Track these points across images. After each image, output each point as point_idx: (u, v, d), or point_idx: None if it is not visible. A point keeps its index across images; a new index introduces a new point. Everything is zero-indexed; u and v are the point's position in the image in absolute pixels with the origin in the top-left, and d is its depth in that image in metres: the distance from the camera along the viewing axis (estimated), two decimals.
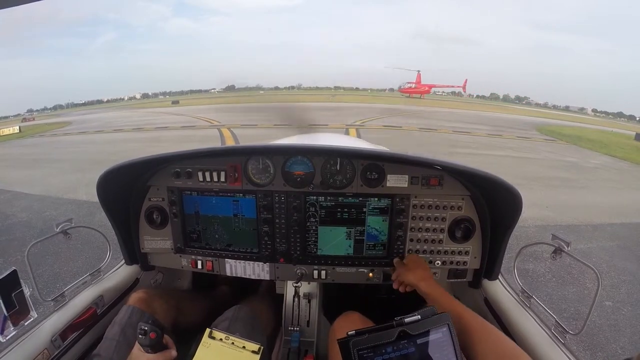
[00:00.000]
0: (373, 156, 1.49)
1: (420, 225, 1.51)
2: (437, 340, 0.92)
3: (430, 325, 0.92)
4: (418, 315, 0.92)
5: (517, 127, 22.07)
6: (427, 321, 0.92)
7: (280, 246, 1.58)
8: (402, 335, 0.90)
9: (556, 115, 46.66)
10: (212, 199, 1.57)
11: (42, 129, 24.62)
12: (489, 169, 1.30)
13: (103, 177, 1.41)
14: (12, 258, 4.14)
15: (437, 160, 1.38)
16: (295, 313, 1.70)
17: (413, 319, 0.91)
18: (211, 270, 1.67)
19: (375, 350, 0.90)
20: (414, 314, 0.92)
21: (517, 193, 1.25)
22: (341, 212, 1.53)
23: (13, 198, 6.89)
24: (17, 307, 1.12)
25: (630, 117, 76.96)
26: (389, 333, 0.90)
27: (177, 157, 1.51)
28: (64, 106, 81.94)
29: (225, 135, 14.70)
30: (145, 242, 1.66)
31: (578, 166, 11.03)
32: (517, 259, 1.46)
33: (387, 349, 0.90)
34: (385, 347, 0.90)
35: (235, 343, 1.11)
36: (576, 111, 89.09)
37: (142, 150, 9.97)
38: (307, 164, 1.51)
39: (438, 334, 0.92)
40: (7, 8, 0.74)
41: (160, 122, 21.77)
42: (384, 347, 0.90)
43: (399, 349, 0.90)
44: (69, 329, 1.32)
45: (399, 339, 0.90)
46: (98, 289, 1.50)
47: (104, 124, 23.67)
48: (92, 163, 9.53)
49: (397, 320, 0.92)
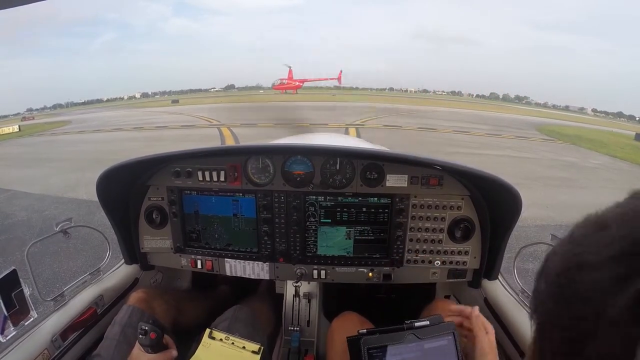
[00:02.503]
0: (373, 156, 1.49)
1: (419, 225, 1.51)
2: (443, 347, 0.95)
3: (438, 332, 0.96)
4: (427, 321, 0.97)
5: (517, 127, 22.06)
6: (435, 327, 0.96)
7: (280, 246, 1.58)
8: (411, 338, 0.94)
9: (556, 115, 46.65)
10: (211, 198, 1.57)
11: (41, 128, 24.59)
12: (488, 168, 1.31)
13: (103, 177, 1.41)
14: (11, 257, 4.14)
15: (437, 160, 1.38)
16: (295, 313, 1.71)
17: (422, 323, 0.96)
18: (211, 270, 1.67)
19: (385, 351, 0.93)
20: (424, 319, 0.97)
21: (516, 193, 1.26)
22: (341, 212, 1.53)
23: (13, 197, 6.89)
24: (17, 307, 1.12)
25: (630, 117, 77.02)
26: (399, 335, 0.94)
27: (177, 157, 1.51)
28: (63, 105, 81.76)
29: (225, 135, 14.70)
30: (145, 241, 1.66)
31: (578, 166, 11.04)
32: (517, 259, 1.46)
33: (396, 350, 0.94)
34: (394, 348, 0.93)
35: (235, 343, 1.12)
36: (576, 111, 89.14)
37: (142, 150, 9.95)
38: (307, 163, 1.51)
39: (444, 340, 0.96)
40: (7, 8, 0.74)
41: (160, 121, 21.75)
42: (393, 348, 0.93)
43: (407, 351, 0.94)
44: (69, 329, 1.32)
45: (407, 341, 0.94)
46: (98, 289, 1.50)
47: (103, 123, 23.64)
48: (91, 162, 9.51)
49: (408, 323, 0.97)
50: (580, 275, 0.32)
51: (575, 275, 0.32)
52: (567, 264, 0.34)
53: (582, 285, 0.31)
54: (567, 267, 0.34)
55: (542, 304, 0.37)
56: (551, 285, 0.35)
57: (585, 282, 0.31)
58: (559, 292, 0.34)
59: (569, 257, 0.34)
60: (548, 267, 0.37)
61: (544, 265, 0.38)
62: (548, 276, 0.36)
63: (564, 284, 0.33)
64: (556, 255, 0.36)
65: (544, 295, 0.36)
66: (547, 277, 0.36)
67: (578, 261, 0.32)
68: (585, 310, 0.30)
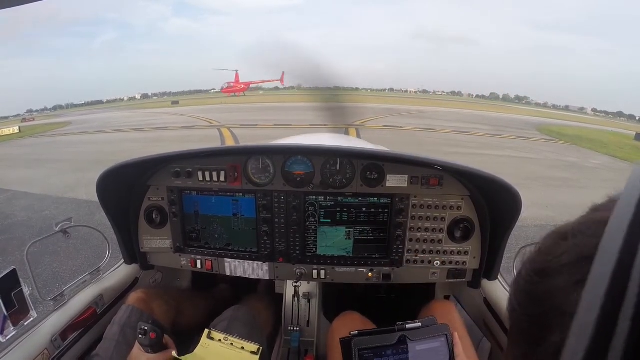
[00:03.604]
0: (373, 156, 1.49)
1: (419, 225, 1.51)
2: (435, 349, 0.95)
3: (430, 334, 0.95)
4: (419, 322, 0.96)
5: (517, 127, 22.06)
6: (427, 329, 0.96)
7: (280, 246, 1.58)
8: (403, 340, 0.94)
9: (556, 115, 46.67)
10: (211, 198, 1.57)
11: (41, 129, 24.59)
12: (487, 169, 1.31)
13: (103, 177, 1.41)
14: (11, 257, 4.14)
15: (437, 160, 1.38)
16: (295, 313, 1.71)
17: (414, 325, 0.96)
18: (210, 270, 1.67)
19: (376, 352, 0.93)
20: (416, 321, 0.96)
21: (516, 193, 1.26)
22: (341, 212, 1.53)
23: (13, 197, 6.90)
24: (16, 307, 1.12)
25: (630, 117, 77.04)
26: (390, 336, 0.94)
27: (177, 157, 1.51)
28: (63, 107, 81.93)
29: (225, 135, 14.71)
30: (145, 241, 1.66)
31: (578, 166, 11.03)
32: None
33: (387, 351, 0.94)
34: (385, 350, 0.94)
35: (234, 344, 1.12)
36: (576, 111, 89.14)
37: (142, 151, 9.96)
38: (307, 163, 1.51)
39: (436, 342, 0.95)
40: (7, 8, 0.74)
41: (160, 122, 21.76)
42: (384, 350, 0.93)
43: (398, 352, 0.93)
44: (69, 329, 1.32)
45: (399, 343, 0.94)
46: (98, 289, 1.50)
47: (103, 124, 23.64)
48: (91, 163, 9.51)
49: (399, 325, 0.96)
50: (544, 279, 0.37)
51: (541, 280, 0.38)
52: (534, 271, 0.39)
53: (545, 287, 0.37)
54: (534, 273, 0.39)
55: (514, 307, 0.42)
56: (522, 290, 0.41)
57: (548, 284, 0.36)
58: (528, 294, 0.40)
59: (536, 266, 0.40)
60: (520, 275, 0.42)
61: (517, 274, 0.44)
62: (519, 283, 0.42)
63: (532, 288, 0.39)
64: (526, 264, 0.42)
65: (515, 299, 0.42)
66: (518, 283, 0.42)
67: (543, 268, 0.38)
68: (548, 307, 0.36)
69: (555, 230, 0.41)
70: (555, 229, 0.41)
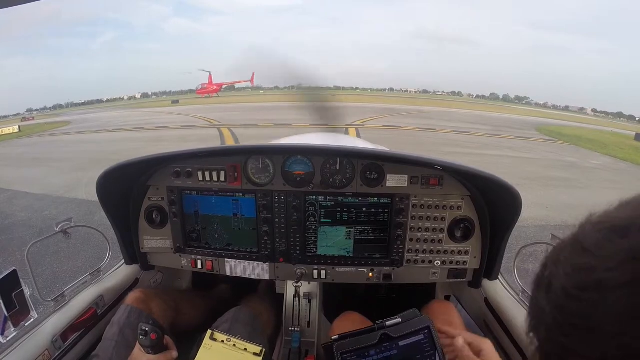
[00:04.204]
0: (373, 156, 1.49)
1: (420, 225, 1.51)
2: (419, 342, 0.94)
3: (412, 328, 0.94)
4: (399, 318, 0.95)
5: (517, 127, 22.07)
6: (408, 324, 0.95)
7: (280, 246, 1.58)
8: (384, 338, 0.93)
9: (556, 115, 46.61)
10: (211, 198, 1.57)
11: (41, 128, 24.60)
12: (487, 169, 1.31)
13: (103, 177, 1.41)
14: (12, 258, 4.14)
15: (437, 160, 1.38)
16: (295, 313, 1.70)
17: (394, 321, 0.95)
18: (211, 270, 1.67)
19: (359, 354, 0.92)
20: (395, 317, 0.95)
21: (516, 193, 1.26)
22: (341, 212, 1.53)
23: (13, 197, 6.89)
24: (17, 308, 1.12)
25: (630, 117, 76.95)
26: (371, 336, 0.93)
27: (177, 157, 1.51)
28: (63, 106, 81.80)
29: (225, 135, 14.70)
30: (145, 241, 1.66)
31: (578, 166, 11.03)
32: (517, 259, 1.46)
33: (371, 351, 0.93)
34: (368, 350, 0.93)
35: (236, 345, 1.12)
36: (576, 111, 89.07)
37: (142, 150, 9.97)
38: (307, 163, 1.51)
39: (420, 336, 0.94)
40: (7, 8, 0.74)
41: (160, 121, 21.76)
42: (367, 350, 0.93)
43: (381, 351, 0.93)
44: (69, 330, 1.32)
45: (381, 341, 0.93)
46: (98, 289, 1.50)
47: (103, 123, 23.66)
48: (92, 162, 9.53)
49: (379, 323, 0.95)
50: (594, 297, 0.24)
51: (588, 297, 0.25)
52: (578, 280, 0.27)
53: (596, 311, 0.24)
54: (578, 286, 0.27)
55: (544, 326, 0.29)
56: (556, 307, 0.28)
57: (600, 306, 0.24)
58: (568, 318, 0.27)
59: (580, 272, 0.27)
60: (552, 278, 0.30)
61: (544, 274, 0.32)
62: (552, 291, 0.29)
63: (575, 307, 0.26)
64: (561, 264, 0.29)
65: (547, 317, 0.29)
66: (550, 291, 0.29)
67: (594, 279, 0.25)
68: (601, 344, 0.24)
69: (602, 219, 0.29)
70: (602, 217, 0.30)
